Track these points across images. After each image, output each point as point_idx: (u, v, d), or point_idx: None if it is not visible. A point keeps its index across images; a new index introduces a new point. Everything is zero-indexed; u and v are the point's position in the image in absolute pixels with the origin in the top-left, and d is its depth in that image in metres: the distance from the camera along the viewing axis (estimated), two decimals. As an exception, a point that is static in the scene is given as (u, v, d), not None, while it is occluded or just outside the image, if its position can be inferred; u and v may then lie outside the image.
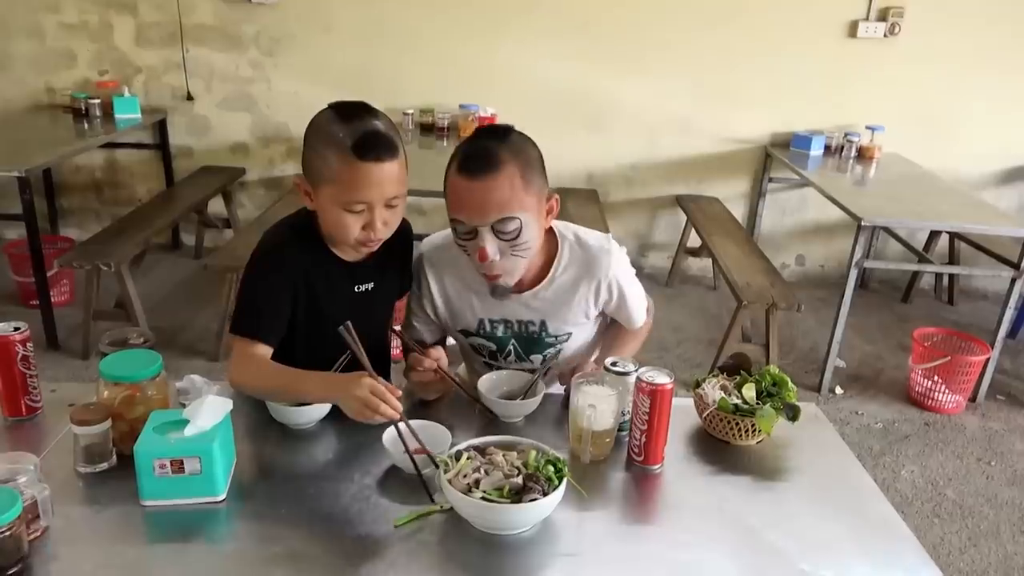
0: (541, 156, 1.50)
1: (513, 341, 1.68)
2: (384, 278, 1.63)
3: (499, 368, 1.69)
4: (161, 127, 4.49)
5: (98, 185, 4.69)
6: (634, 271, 1.70)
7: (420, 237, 1.75)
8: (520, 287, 1.61)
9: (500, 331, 1.67)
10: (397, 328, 1.70)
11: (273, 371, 1.46)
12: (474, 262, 1.50)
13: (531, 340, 1.67)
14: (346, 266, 1.56)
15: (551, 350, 1.69)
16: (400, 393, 1.32)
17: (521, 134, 1.50)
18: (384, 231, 1.46)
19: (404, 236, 1.62)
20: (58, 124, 4.14)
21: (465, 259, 1.57)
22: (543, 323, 1.65)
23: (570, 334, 1.68)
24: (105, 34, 4.34)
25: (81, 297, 3.51)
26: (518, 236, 1.46)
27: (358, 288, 1.59)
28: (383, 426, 1.33)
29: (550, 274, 1.61)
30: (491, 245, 1.45)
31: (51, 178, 4.56)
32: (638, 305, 1.71)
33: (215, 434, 1.24)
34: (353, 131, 1.38)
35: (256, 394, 1.48)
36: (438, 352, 1.52)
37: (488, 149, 1.43)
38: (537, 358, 1.70)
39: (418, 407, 1.57)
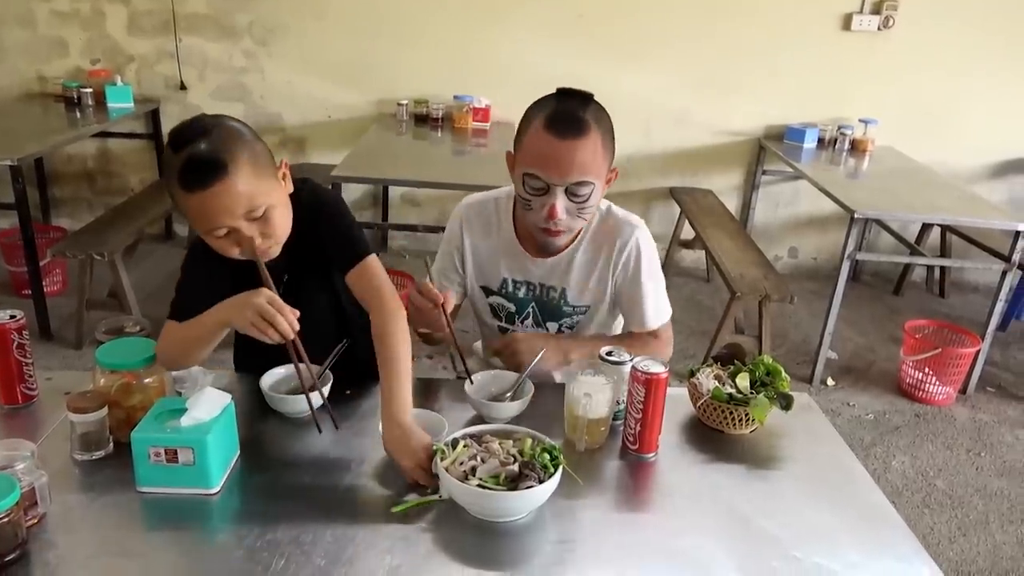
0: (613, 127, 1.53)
1: (533, 304, 1.72)
2: (307, 266, 1.51)
3: (514, 332, 1.72)
4: (154, 116, 4.47)
5: (90, 175, 4.67)
6: (661, 271, 1.69)
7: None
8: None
9: (522, 292, 1.71)
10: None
11: (181, 327, 1.40)
12: (534, 216, 1.53)
13: (550, 306, 1.71)
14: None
15: (567, 320, 1.72)
16: (298, 315, 1.27)
17: (598, 102, 1.51)
18: (266, 242, 1.35)
19: (309, 211, 1.46)
20: (50, 113, 4.12)
21: (499, 218, 1.67)
22: (563, 291, 1.69)
23: (588, 307, 1.70)
24: (97, 22, 4.31)
25: (74, 287, 3.50)
26: (588, 200, 1.50)
27: (285, 278, 1.49)
28: (373, 422, 1.33)
29: (578, 239, 1.65)
30: (561, 203, 1.49)
31: (43, 167, 4.53)
32: (653, 295, 1.67)
33: (210, 427, 1.23)
34: (179, 161, 1.26)
35: (182, 359, 1.41)
36: (450, 297, 1.49)
37: (577, 112, 1.46)
38: (553, 326, 1.73)
39: (415, 396, 1.56)
